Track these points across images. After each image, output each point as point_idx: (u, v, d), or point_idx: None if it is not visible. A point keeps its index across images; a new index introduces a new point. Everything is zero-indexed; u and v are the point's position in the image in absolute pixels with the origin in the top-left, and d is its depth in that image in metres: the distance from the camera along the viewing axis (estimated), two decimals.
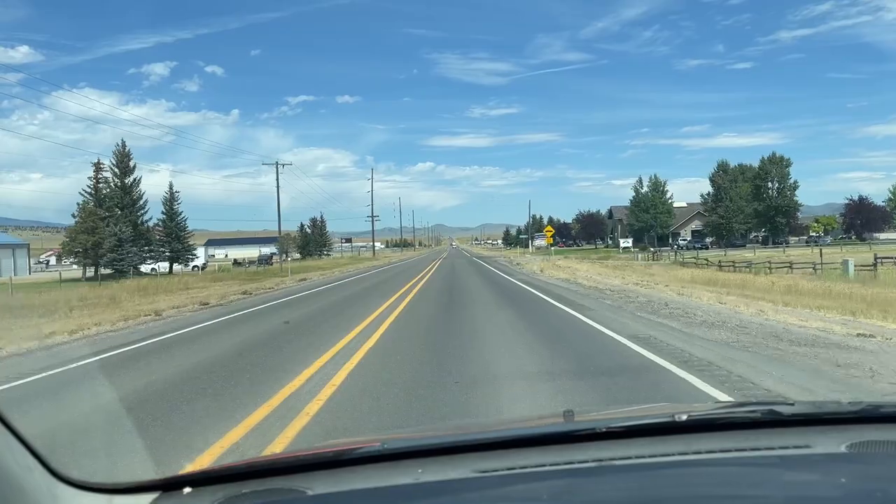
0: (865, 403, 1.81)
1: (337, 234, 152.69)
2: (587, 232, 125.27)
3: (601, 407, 5.33)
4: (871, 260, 34.78)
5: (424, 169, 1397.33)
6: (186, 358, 9.40)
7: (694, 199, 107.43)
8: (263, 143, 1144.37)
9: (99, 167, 56.91)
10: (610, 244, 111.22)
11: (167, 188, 70.16)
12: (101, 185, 57.25)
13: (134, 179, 62.10)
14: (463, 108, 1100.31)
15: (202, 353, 9.88)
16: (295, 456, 1.73)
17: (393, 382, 6.96)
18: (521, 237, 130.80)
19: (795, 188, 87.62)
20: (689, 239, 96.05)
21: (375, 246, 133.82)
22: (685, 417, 1.66)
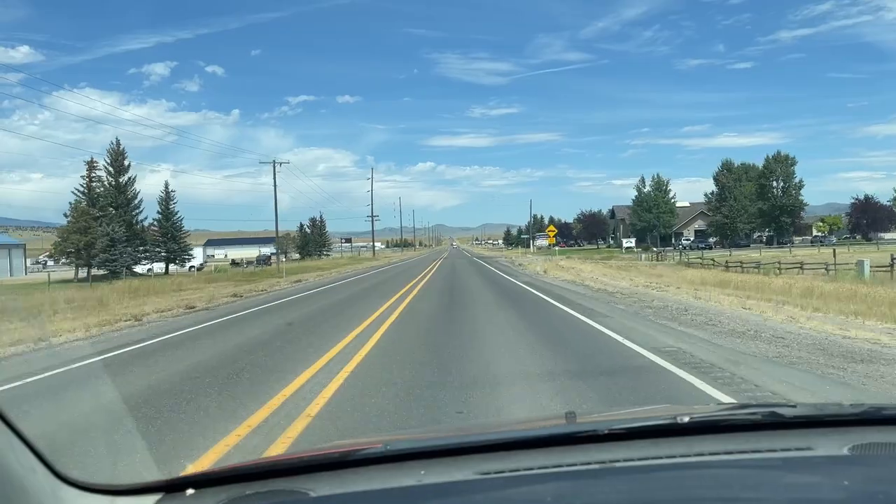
0: (867, 405, 1.79)
1: (337, 234, 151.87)
2: (589, 232, 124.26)
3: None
4: (884, 260, 34.05)
5: (425, 169, 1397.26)
6: (137, 381, 7.96)
7: (695, 198, 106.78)
8: (264, 143, 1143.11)
9: (92, 166, 55.76)
10: (612, 244, 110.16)
11: (163, 187, 69.29)
12: (94, 184, 56.08)
13: (129, 178, 60.97)
14: (463, 107, 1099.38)
15: (160, 372, 8.51)
16: (297, 457, 1.70)
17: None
18: (522, 237, 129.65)
19: (801, 187, 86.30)
20: (692, 239, 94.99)
21: (375, 246, 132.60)
22: (687, 419, 1.65)
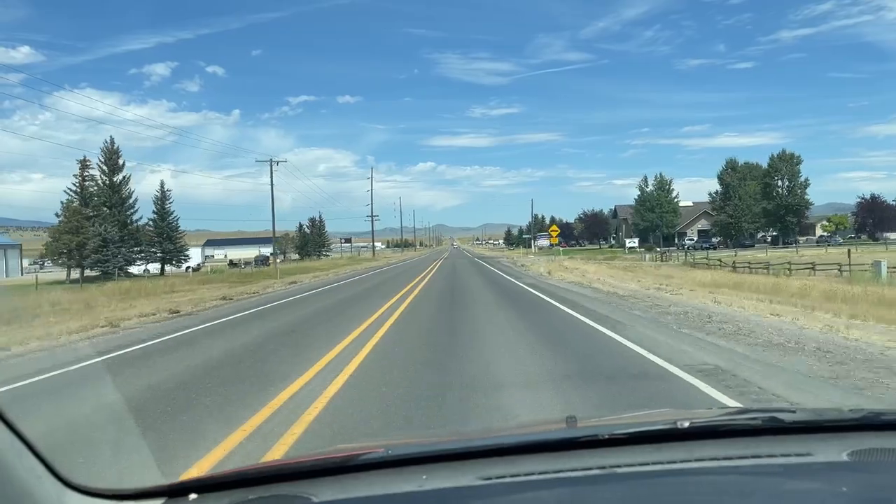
0: (867, 410, 1.78)
1: (337, 234, 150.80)
2: (591, 231, 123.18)
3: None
4: None
5: (425, 169, 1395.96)
6: (69, 408, 6.97)
7: (696, 198, 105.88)
8: (265, 143, 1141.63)
9: (85, 164, 54.64)
10: (614, 244, 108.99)
11: (158, 187, 68.15)
12: (87, 183, 54.98)
13: (123, 177, 59.92)
14: (464, 107, 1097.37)
15: (110, 395, 7.34)
16: (299, 462, 1.70)
17: None
18: (523, 237, 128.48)
19: (806, 186, 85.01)
20: (695, 239, 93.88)
21: (376, 246, 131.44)
22: (687, 424, 1.65)
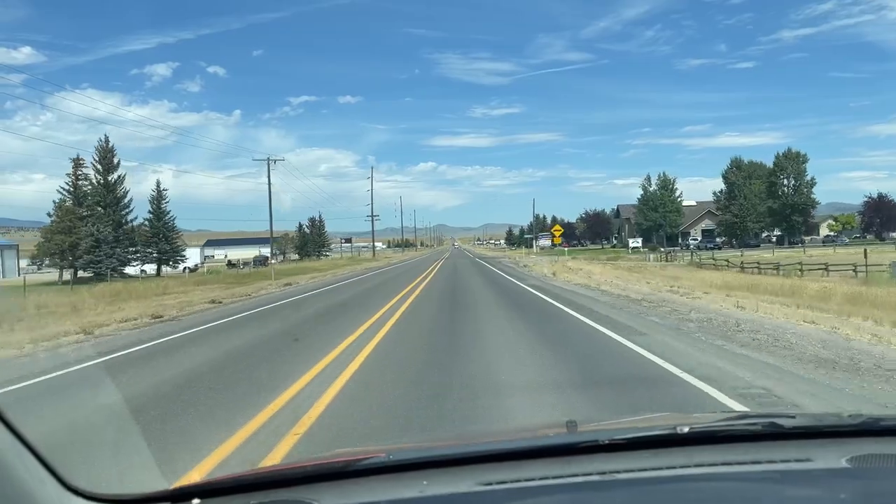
0: (866, 416, 1.77)
1: (338, 234, 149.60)
2: (593, 231, 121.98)
3: None
4: None
5: (426, 169, 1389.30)
6: None
7: (696, 198, 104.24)
8: (266, 143, 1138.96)
9: (78, 163, 53.46)
10: (616, 244, 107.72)
11: (154, 186, 67.02)
12: (80, 182, 53.82)
13: (118, 176, 58.73)
14: (464, 107, 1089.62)
15: (33, 426, 6.27)
16: (301, 466, 1.69)
17: None
18: (524, 237, 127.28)
19: (812, 185, 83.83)
20: (699, 239, 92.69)
21: (376, 246, 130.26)
22: (687, 430, 1.64)
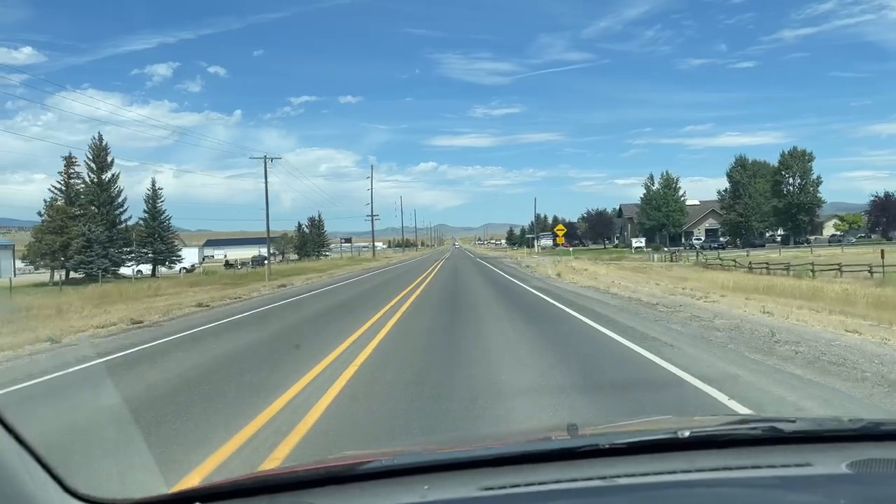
0: (866, 421, 1.77)
1: (338, 233, 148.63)
2: (595, 231, 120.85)
3: None
4: None
5: (427, 169, 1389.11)
6: None
7: (698, 198, 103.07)
8: (267, 143, 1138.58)
9: (70, 161, 52.33)
10: (618, 244, 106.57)
11: (149, 185, 65.94)
12: (73, 181, 52.71)
13: (112, 175, 57.63)
14: (465, 107, 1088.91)
15: None
16: (302, 470, 1.69)
17: None
18: (526, 237, 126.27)
19: (818, 184, 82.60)
20: (702, 238, 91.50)
21: (376, 246, 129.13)
22: (688, 434, 1.63)
